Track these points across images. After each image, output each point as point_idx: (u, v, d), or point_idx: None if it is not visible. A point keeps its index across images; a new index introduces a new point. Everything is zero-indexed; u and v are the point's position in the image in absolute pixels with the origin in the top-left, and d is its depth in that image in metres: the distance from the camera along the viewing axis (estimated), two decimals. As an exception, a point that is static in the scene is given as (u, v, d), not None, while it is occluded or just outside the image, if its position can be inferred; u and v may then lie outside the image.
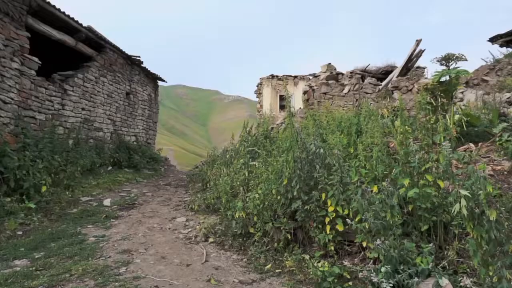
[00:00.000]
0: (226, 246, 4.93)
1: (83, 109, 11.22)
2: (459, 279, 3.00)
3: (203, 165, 11.83)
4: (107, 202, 7.68)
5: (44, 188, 6.91)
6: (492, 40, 19.80)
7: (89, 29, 11.54)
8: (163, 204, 7.83)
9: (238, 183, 6.20)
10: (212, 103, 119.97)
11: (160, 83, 17.90)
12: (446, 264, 3.29)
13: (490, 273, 2.41)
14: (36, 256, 4.44)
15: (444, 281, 2.93)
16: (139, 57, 14.69)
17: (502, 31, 19.14)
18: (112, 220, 6.32)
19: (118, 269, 4.02)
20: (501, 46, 19.66)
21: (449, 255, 3.40)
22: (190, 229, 5.77)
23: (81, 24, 10.79)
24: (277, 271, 4.00)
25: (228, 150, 9.05)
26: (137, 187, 9.95)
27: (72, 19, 10.27)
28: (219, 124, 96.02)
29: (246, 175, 6.15)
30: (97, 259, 4.34)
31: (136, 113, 15.18)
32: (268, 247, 4.56)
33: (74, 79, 10.77)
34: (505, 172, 4.86)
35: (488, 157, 5.40)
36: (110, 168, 11.59)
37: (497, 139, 5.76)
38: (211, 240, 5.15)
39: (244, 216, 5.01)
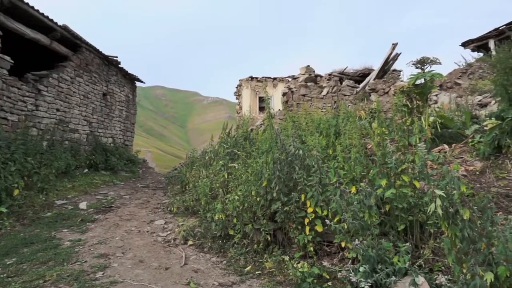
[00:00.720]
0: (206, 249, 4.89)
1: (58, 110, 10.94)
2: (435, 277, 3.07)
3: (182, 167, 11.72)
4: (83, 205, 7.50)
5: (16, 192, 6.69)
6: (464, 44, 20.47)
7: (65, 28, 11.27)
8: (141, 206, 7.71)
9: (217, 184, 6.16)
10: (191, 104, 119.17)
11: (138, 84, 17.65)
12: (422, 262, 3.36)
13: (464, 271, 2.48)
14: (8, 262, 4.28)
15: (420, 279, 2.99)
16: (117, 57, 14.44)
17: (474, 36, 19.81)
18: (88, 223, 6.17)
19: (94, 274, 3.92)
20: (473, 50, 20.34)
21: (425, 254, 3.48)
22: (169, 232, 5.70)
23: (56, 23, 10.52)
24: (257, 272, 3.99)
25: (207, 151, 9.00)
26: (114, 190, 9.76)
27: (47, 17, 10.00)
28: (198, 125, 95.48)
29: (226, 176, 6.13)
30: (73, 264, 4.23)
31: (113, 114, 14.91)
32: (247, 249, 4.55)
33: (48, 79, 10.49)
34: (477, 172, 5.01)
35: (461, 157, 5.56)
36: (86, 170, 11.34)
37: (470, 140, 5.93)
38: (190, 242, 5.10)
39: (223, 218, 4.98)
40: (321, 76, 18.67)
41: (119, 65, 15.01)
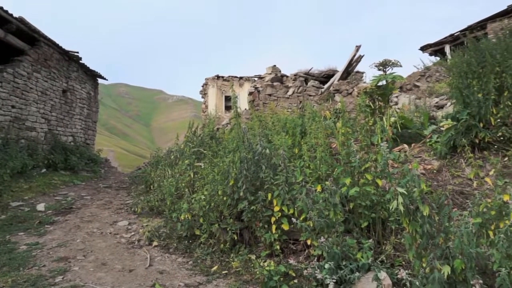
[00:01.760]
0: (171, 249, 4.81)
1: (13, 106, 10.38)
2: (396, 271, 3.19)
3: (146, 167, 11.47)
4: (40, 207, 7.16)
5: (-34, 193, 6.29)
6: (423, 49, 21.39)
7: (21, 20, 10.70)
8: (103, 207, 7.47)
9: (183, 184, 6.09)
10: (155, 102, 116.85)
11: (100, 81, 17.09)
12: (384, 258, 3.48)
13: (423, 265, 2.59)
14: (-43, 269, 4.02)
15: (383, 274, 3.09)
16: (78, 52, 13.91)
17: (431, 41, 20.73)
18: (46, 226, 5.90)
19: (53, 278, 3.76)
20: (430, 54, 21.30)
21: (387, 250, 3.61)
22: (133, 233, 5.56)
23: (11, 15, 9.98)
24: (223, 272, 3.97)
25: (173, 151, 8.86)
26: (75, 190, 9.39)
27: (1, 8, 9.47)
28: (162, 124, 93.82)
29: (192, 176, 6.06)
30: (30, 269, 4.03)
31: (74, 112, 14.35)
32: (214, 249, 4.52)
33: (2, 74, 9.93)
34: (435, 171, 5.25)
35: (420, 157, 5.80)
36: (44, 170, 10.83)
37: (428, 140, 6.20)
38: (155, 243, 5.00)
39: (189, 218, 4.93)
40: (287, 76, 18.87)
41: (80, 61, 14.46)
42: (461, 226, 2.76)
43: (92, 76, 16.26)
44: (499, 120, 5.19)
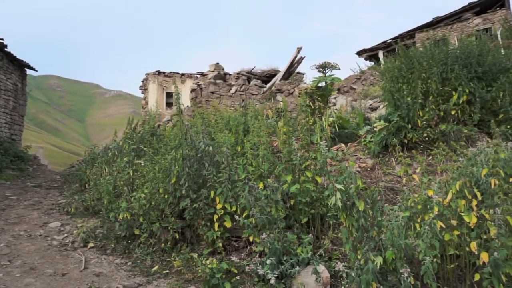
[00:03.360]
0: (109, 251, 4.62)
1: None
2: (333, 264, 3.35)
3: (81, 164, 10.85)
4: (-43, 208, 6.48)
5: None
6: (359, 53, 22.59)
7: None
8: (32, 208, 6.94)
9: (122, 182, 5.85)
10: (91, 97, 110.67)
11: (29, 71, 15.79)
12: (322, 252, 3.65)
13: (359, 257, 2.76)
14: None
15: (321, 268, 3.23)
16: (3, 39, 12.75)
17: (367, 46, 21.94)
18: (-36, 229, 5.36)
19: (-27, 286, 3.44)
20: (366, 59, 22.55)
21: (325, 244, 3.78)
22: (66, 235, 5.24)
23: None
24: (164, 272, 3.90)
25: (111, 147, 8.46)
26: (-2, 190, 8.62)
27: None
28: (99, 120, 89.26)
29: (131, 174, 5.85)
30: None
31: (-3, 105, 13.15)
32: (155, 248, 4.42)
33: None
34: (369, 169, 5.57)
35: (356, 155, 6.12)
36: (-39, 168, 9.81)
37: (363, 140, 6.56)
38: (91, 245, 4.76)
39: (128, 217, 4.76)
40: (230, 74, 18.88)
41: (6, 49, 13.27)
42: (392, 219, 2.96)
43: (20, 66, 14.99)
44: (424, 122, 5.64)
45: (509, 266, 2.56)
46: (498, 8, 17.32)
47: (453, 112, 5.74)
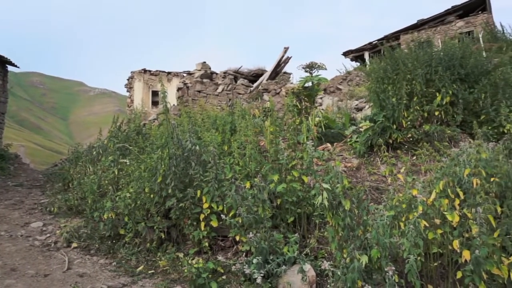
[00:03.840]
0: (93, 251, 4.55)
1: None
2: (319, 263, 3.38)
3: (64, 163, 10.67)
4: None
5: None
6: (345, 54, 22.78)
7: None
8: (13, 208, 6.79)
9: (106, 181, 5.78)
10: (74, 95, 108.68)
11: (10, 68, 15.42)
12: (308, 251, 3.67)
13: (344, 255, 2.79)
14: None
15: (307, 267, 3.25)
16: (-18, 35, 12.42)
17: (353, 47, 22.15)
18: None
19: (-49, 288, 3.35)
20: (352, 60, 22.76)
21: (311, 243, 3.80)
22: (48, 235, 5.15)
23: None
24: (150, 272, 3.86)
25: (95, 146, 8.34)
26: (-23, 189, 8.41)
27: None
28: (83, 118, 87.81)
29: (116, 173, 5.78)
30: None
31: (-23, 102, 12.82)
32: (140, 248, 4.38)
33: None
34: (354, 168, 5.63)
35: (342, 155, 6.18)
36: None
37: (348, 140, 6.63)
38: (74, 245, 4.69)
39: (113, 217, 4.70)
40: (216, 74, 18.81)
41: (-14, 45, 12.93)
42: (377, 218, 3.00)
43: (1, 62, 14.64)
44: (409, 122, 5.73)
45: (490, 263, 2.62)
46: (480, 12, 17.70)
47: (436, 113, 5.84)
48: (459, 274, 2.78)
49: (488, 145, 3.68)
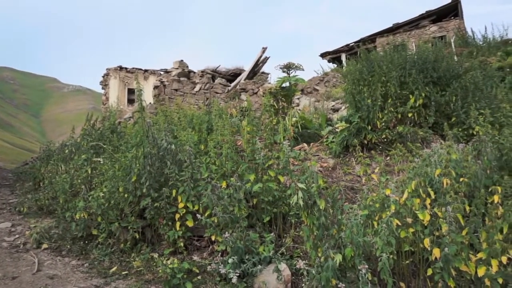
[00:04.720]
0: (64, 252, 4.43)
1: None
2: (295, 262, 3.39)
3: (35, 162, 10.34)
4: None
5: None
6: (322, 55, 23.04)
7: None
8: (-21, 208, 6.54)
9: (79, 181, 5.63)
10: (47, 91, 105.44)
11: (-23, 62, 14.83)
12: (284, 250, 3.69)
13: (319, 254, 2.81)
14: None
15: (283, 266, 3.27)
16: None
17: (330, 49, 22.43)
18: None
19: None
20: (329, 61, 23.04)
21: (287, 242, 3.82)
22: (17, 236, 4.98)
23: None
24: (123, 273, 3.79)
25: (68, 144, 8.12)
26: None
27: None
28: (55, 115, 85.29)
29: (89, 172, 5.64)
30: None
31: None
32: (113, 249, 4.29)
33: None
34: (330, 168, 5.70)
35: (318, 155, 6.24)
36: None
37: (325, 140, 6.70)
38: (45, 246, 4.55)
39: (86, 217, 4.60)
40: (194, 72, 18.65)
41: (-48, 38, 12.38)
42: (351, 218, 3.05)
43: (-32, 56, 14.05)
44: (383, 123, 5.85)
45: (458, 260, 2.71)
46: (452, 18, 18.27)
47: (410, 115, 5.99)
48: (429, 271, 2.86)
49: (458, 146, 3.80)
